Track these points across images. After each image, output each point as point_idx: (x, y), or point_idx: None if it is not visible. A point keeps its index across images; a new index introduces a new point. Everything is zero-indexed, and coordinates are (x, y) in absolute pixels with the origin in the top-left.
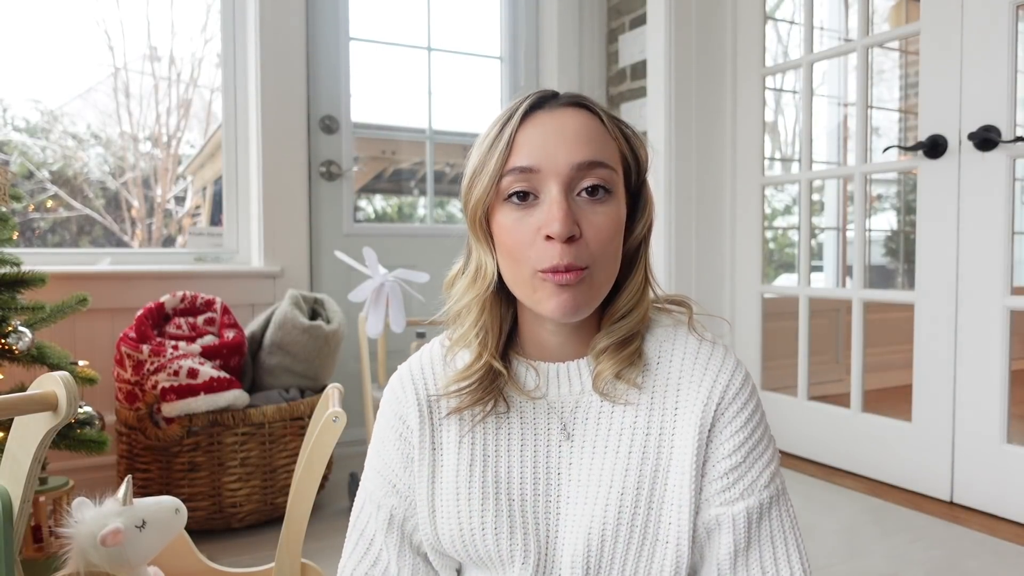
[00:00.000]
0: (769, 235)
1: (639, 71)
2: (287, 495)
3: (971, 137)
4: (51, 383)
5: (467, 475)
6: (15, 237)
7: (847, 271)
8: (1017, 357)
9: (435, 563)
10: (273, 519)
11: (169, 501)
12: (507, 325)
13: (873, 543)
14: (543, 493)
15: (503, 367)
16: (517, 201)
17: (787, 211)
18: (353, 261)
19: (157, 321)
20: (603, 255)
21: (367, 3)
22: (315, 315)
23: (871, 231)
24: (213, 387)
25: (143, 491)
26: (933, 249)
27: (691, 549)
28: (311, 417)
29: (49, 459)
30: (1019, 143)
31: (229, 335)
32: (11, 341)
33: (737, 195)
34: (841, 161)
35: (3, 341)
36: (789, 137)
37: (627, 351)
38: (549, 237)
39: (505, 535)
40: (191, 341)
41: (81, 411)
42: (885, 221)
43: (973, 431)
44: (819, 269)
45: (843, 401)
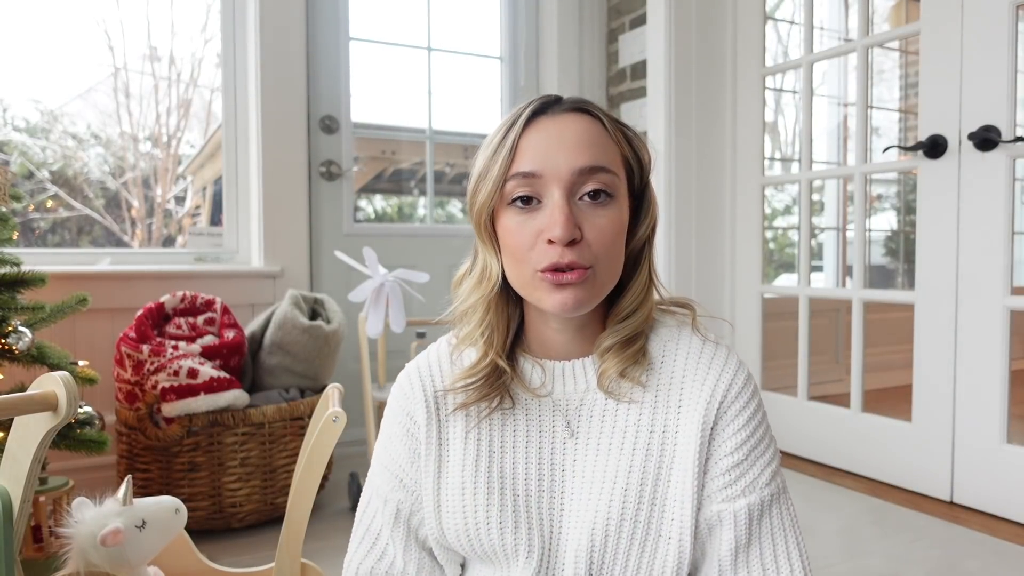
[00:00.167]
0: (769, 235)
1: (639, 71)
2: (287, 495)
3: (971, 137)
4: (51, 383)
5: (472, 470)
6: (15, 237)
7: (847, 271)
8: (1017, 357)
9: (440, 558)
10: (273, 519)
11: (169, 501)
12: (514, 324)
13: (873, 543)
14: (547, 489)
15: (508, 365)
16: (520, 205)
17: (787, 211)
18: (353, 261)
19: (157, 321)
20: (605, 256)
21: (367, 3)
22: (315, 315)
23: (871, 231)
24: (213, 387)
25: (143, 491)
26: (933, 249)
27: (693, 545)
28: (311, 417)
29: (49, 459)
30: (1019, 143)
31: (229, 335)
32: (11, 341)
33: (737, 195)
34: (841, 161)
35: (3, 341)
36: (789, 137)
37: (631, 350)
38: (551, 241)
39: (510, 530)
40: (191, 341)
41: (81, 411)
42: (885, 221)
43: (973, 431)
44: (819, 269)
45: (843, 401)
